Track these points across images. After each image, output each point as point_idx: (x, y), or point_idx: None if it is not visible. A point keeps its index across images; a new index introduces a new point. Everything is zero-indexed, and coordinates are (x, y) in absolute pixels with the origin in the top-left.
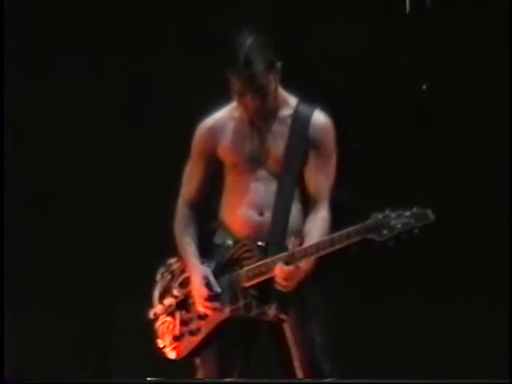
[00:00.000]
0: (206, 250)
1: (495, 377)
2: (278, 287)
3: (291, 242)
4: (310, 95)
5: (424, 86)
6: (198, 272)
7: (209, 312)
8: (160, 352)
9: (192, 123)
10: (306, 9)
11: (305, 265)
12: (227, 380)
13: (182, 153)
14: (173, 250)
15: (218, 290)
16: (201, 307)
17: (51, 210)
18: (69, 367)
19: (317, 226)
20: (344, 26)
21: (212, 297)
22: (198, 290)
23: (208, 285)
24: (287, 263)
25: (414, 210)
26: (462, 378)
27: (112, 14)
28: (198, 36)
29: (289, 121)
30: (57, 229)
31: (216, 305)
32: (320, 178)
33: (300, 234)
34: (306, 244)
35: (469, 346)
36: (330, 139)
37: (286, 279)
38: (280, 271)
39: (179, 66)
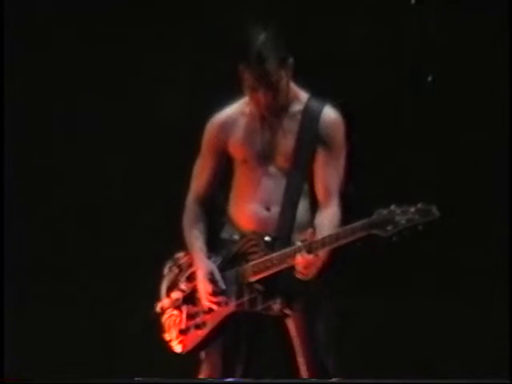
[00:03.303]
0: (213, 245)
1: (495, 377)
2: (299, 276)
3: (305, 235)
4: (321, 91)
5: (430, 78)
6: (204, 267)
7: (214, 306)
8: (165, 346)
9: (202, 118)
10: (316, 4)
11: (323, 254)
12: (227, 380)
13: (191, 148)
14: (181, 244)
15: (223, 285)
16: (206, 302)
17: (53, 207)
18: (69, 367)
19: (327, 220)
20: (353, 22)
21: (217, 292)
22: (202, 285)
23: (213, 280)
24: (308, 251)
25: (419, 206)
26: (461, 377)
27: (116, 10)
28: (207, 32)
29: (299, 116)
30: (59, 226)
31: (220, 299)
32: (329, 174)
33: (307, 230)
34: (314, 238)
35: (469, 345)
36: (339, 135)
37: (305, 267)
38: (301, 259)
39: (188, 62)
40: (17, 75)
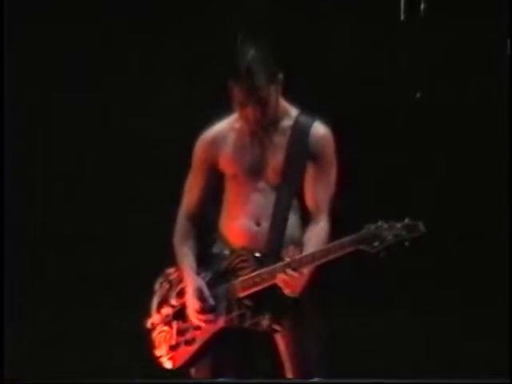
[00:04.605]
0: (204, 260)
1: (495, 377)
2: (287, 292)
3: (289, 252)
4: (311, 106)
5: (418, 94)
6: (192, 284)
7: (201, 324)
8: (156, 361)
9: (194, 134)
10: (306, 19)
11: (308, 270)
12: (223, 380)
13: (183, 163)
14: (172, 259)
15: (212, 302)
16: (194, 319)
17: (52, 214)
18: (69, 367)
19: (314, 237)
20: (344, 37)
21: (204, 309)
22: (191, 302)
23: (200, 297)
24: (293, 269)
25: (406, 221)
26: (462, 378)
27: (109, 22)
28: (199, 45)
29: (289, 132)
30: (58, 233)
31: (208, 317)
32: (319, 189)
33: (298, 245)
34: (302, 254)
35: (469, 346)
36: (329, 151)
37: (291, 284)
38: (286, 277)
39: (180, 76)
40: (16, 75)
